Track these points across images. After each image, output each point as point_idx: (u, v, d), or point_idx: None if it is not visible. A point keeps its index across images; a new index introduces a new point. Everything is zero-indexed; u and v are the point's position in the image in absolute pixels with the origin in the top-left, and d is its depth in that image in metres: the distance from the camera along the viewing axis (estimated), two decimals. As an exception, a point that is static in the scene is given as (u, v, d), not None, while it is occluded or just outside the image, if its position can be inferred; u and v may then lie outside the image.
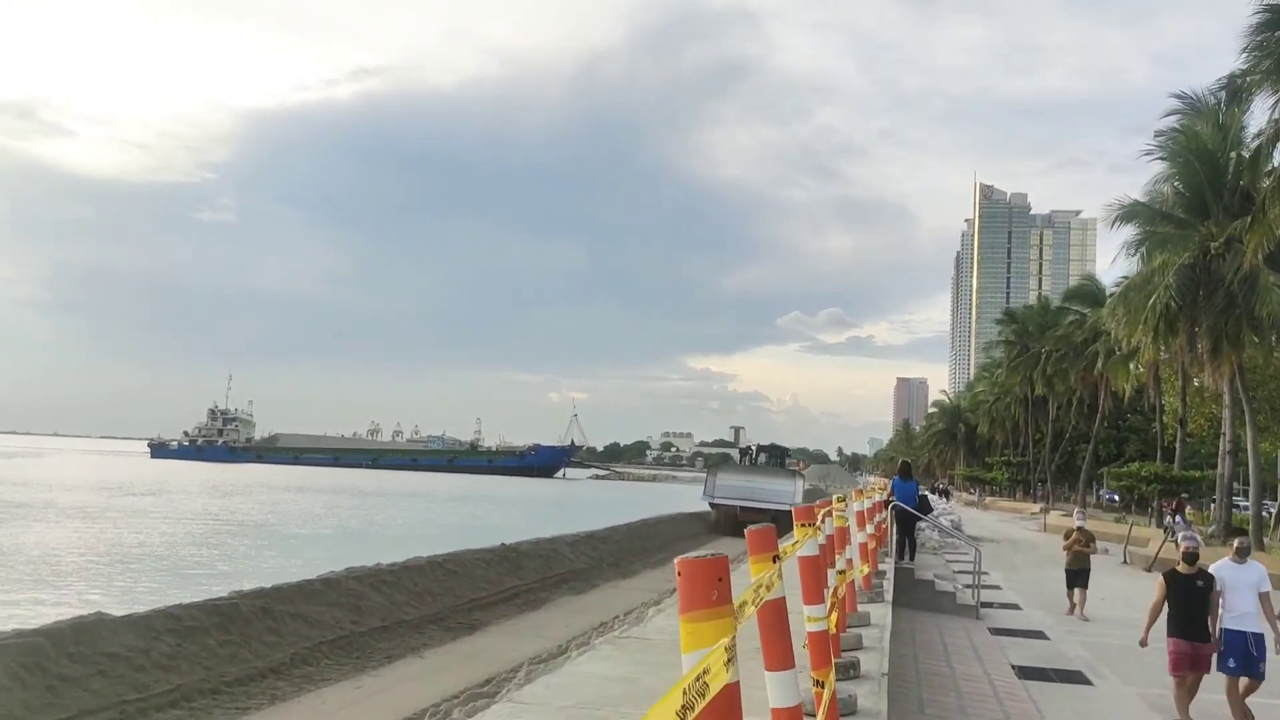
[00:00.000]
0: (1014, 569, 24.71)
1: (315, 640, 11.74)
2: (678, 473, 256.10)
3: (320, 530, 44.85)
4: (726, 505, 41.17)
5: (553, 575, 19.31)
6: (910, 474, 19.36)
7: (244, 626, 10.96)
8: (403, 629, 13.37)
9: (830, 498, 8.43)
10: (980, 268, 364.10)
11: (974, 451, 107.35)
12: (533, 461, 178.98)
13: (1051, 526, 45.06)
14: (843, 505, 7.93)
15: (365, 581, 13.84)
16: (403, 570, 15.17)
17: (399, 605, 13.90)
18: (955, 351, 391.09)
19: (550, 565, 19.75)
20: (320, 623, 12.10)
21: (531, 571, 18.75)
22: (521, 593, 17.20)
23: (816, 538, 4.74)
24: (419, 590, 14.66)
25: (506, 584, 17.17)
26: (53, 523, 41.35)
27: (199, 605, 11.01)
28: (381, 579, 14.31)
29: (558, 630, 14.51)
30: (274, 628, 11.30)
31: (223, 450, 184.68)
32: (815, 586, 4.60)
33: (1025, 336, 73.09)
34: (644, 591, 19.05)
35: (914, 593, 15.86)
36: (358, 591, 13.39)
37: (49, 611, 14.58)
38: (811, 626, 4.52)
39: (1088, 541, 17.21)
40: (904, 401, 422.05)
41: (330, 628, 12.20)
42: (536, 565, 19.22)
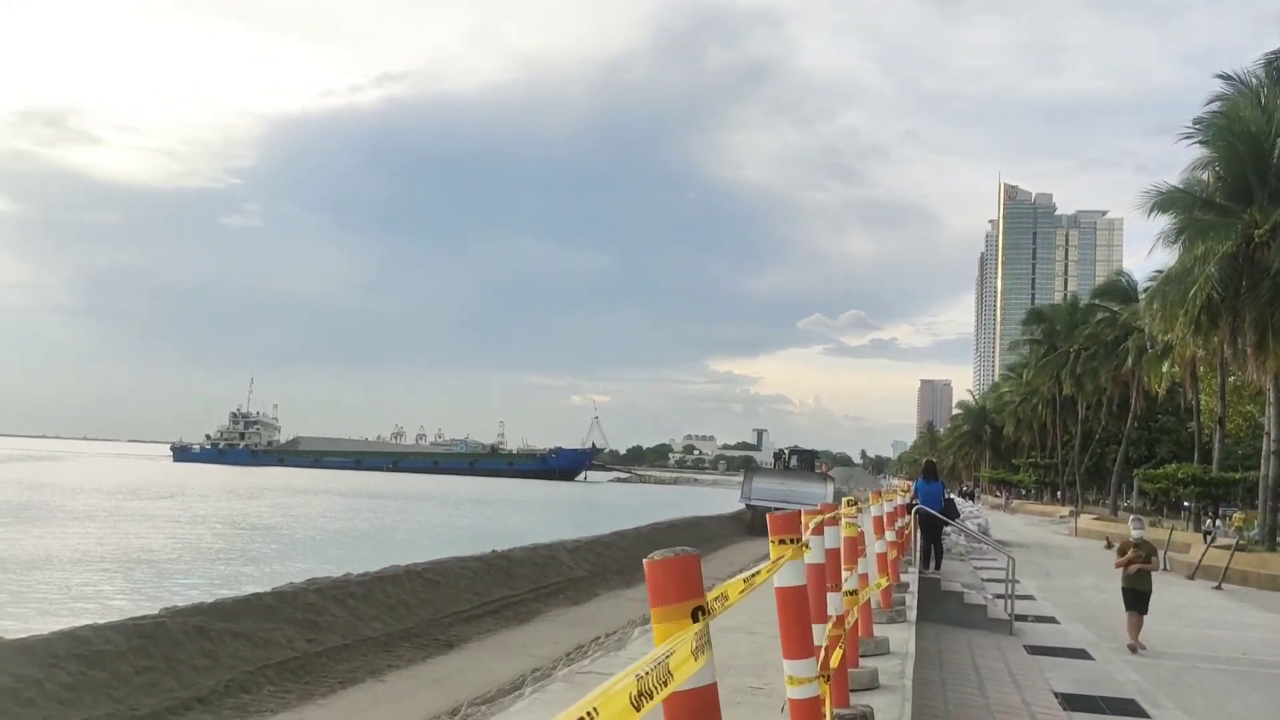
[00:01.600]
0: (1048, 577, 23.07)
1: (259, 663, 10.36)
2: (699, 475, 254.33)
3: (327, 534, 43.74)
4: (762, 506, 42.29)
5: (548, 584, 17.81)
6: (935, 474, 17.75)
7: (170, 649, 9.58)
8: (368, 647, 11.96)
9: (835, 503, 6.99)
10: (1005, 269, 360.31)
11: (1000, 453, 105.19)
12: (554, 464, 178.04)
13: (1083, 530, 43.31)
14: (855, 511, 6.48)
15: (328, 594, 12.42)
16: (374, 581, 13.72)
17: (365, 620, 12.46)
18: (979, 353, 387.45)
19: (546, 574, 18.25)
20: (267, 642, 10.72)
21: (525, 581, 17.25)
22: (511, 604, 15.71)
23: (801, 559, 3.27)
24: (391, 603, 13.24)
25: (495, 595, 15.70)
26: (54, 526, 40.43)
27: (115, 626, 9.62)
28: (348, 591, 12.89)
29: (545, 647, 13.11)
30: (209, 650, 9.92)
31: (244, 453, 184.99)
32: (798, 631, 3.14)
33: (1053, 335, 71.06)
34: (645, 603, 17.50)
35: (941, 606, 14.32)
36: (317, 606, 11.99)
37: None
38: (795, 692, 3.06)
39: (1148, 556, 14.50)
40: (928, 404, 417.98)
41: (279, 648, 10.81)
42: (530, 574, 17.73)
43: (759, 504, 43.89)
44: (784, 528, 3.20)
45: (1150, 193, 32.25)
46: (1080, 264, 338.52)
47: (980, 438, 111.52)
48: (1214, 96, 30.18)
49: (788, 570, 3.14)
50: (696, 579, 2.11)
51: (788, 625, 3.13)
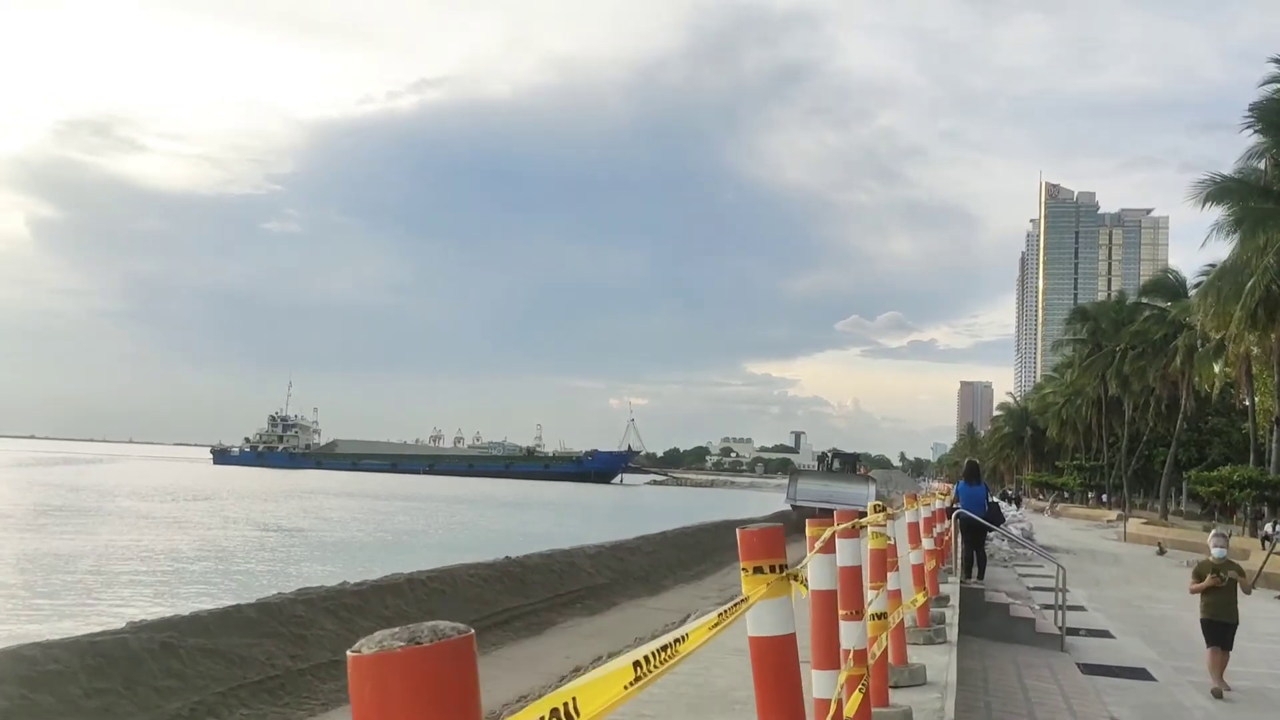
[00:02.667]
0: (1098, 585, 21.77)
1: (232, 683, 9.45)
2: (736, 478, 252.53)
3: (355, 536, 43.17)
4: (807, 507, 45.92)
5: (565, 593, 16.75)
6: (978, 476, 16.50)
7: (130, 669, 8.68)
8: (359, 664, 11.03)
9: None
10: (1046, 268, 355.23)
11: (1042, 455, 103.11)
12: (590, 467, 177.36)
13: (1132, 535, 41.68)
14: (884, 518, 5.45)
15: (319, 605, 11.47)
16: (372, 591, 12.76)
17: (359, 634, 11.36)
18: (1021, 354, 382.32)
19: (563, 581, 17.20)
20: (245, 660, 9.81)
21: (539, 589, 16.23)
22: (523, 615, 14.70)
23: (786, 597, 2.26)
24: (390, 615, 12.28)
25: (505, 604, 14.69)
26: (80, 528, 40.15)
27: (66, 643, 8.72)
28: (341, 602, 11.93)
29: (554, 661, 12.15)
30: (176, 669, 9.03)
31: (283, 456, 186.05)
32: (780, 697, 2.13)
33: (1098, 334, 69.23)
34: (668, 612, 16.49)
35: (984, 619, 13.19)
36: (305, 618, 11.06)
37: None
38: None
39: (1233, 579, 11.52)
40: (968, 405, 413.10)
41: (258, 665, 9.89)
42: (546, 581, 16.68)
43: (804, 505, 46.94)
44: (760, 549, 2.23)
45: (1203, 183, 30.84)
46: (1124, 263, 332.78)
47: (1022, 440, 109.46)
48: (1271, 77, 28.75)
49: (763, 614, 2.18)
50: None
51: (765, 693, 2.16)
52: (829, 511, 22.42)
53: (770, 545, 2.38)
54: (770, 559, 2.32)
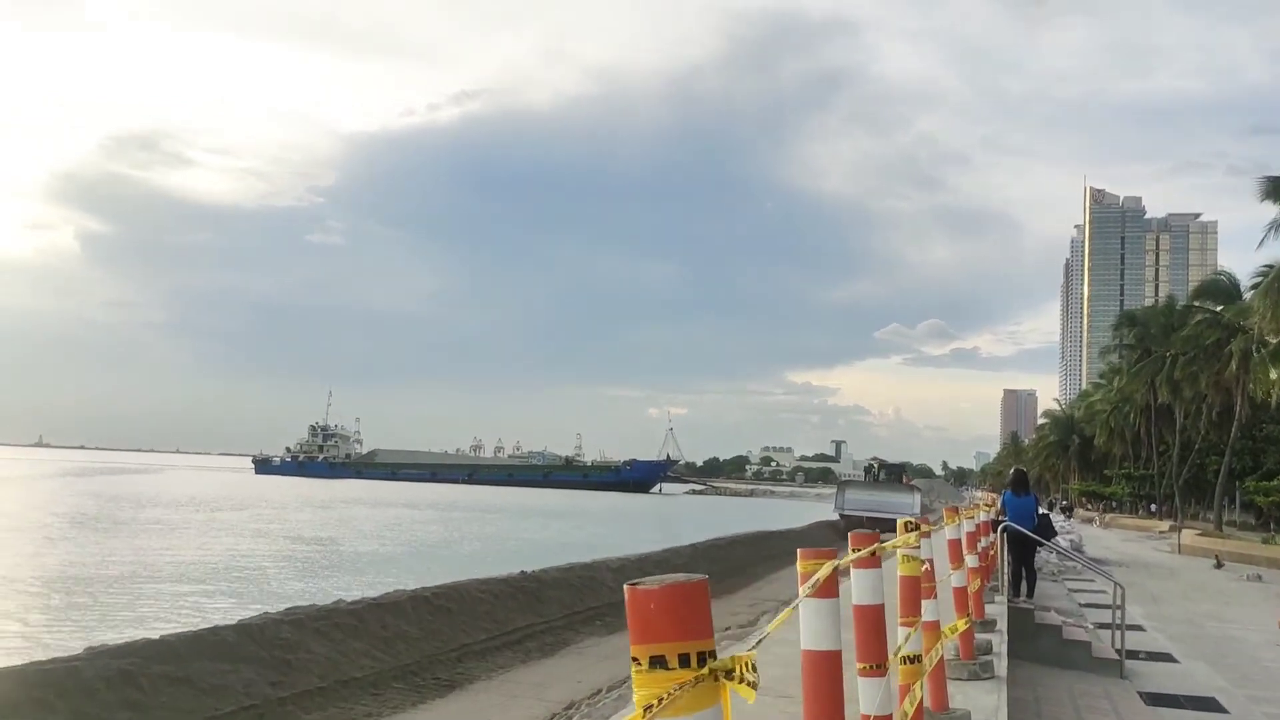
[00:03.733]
0: (1155, 602, 20.45)
1: (203, 714, 8.49)
2: (776, 487, 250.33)
3: (384, 548, 42.52)
4: (855, 516, 47.78)
5: (583, 609, 15.70)
6: (1026, 486, 15.29)
7: (82, 701, 7.79)
8: (350, 690, 10.02)
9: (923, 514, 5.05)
10: (1091, 274, 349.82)
11: (1089, 465, 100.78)
12: (628, 476, 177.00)
13: (1186, 547, 40.04)
14: (917, 538, 4.46)
15: (307, 626, 10.50)
16: (369, 609, 11.74)
17: (351, 657, 10.52)
18: (1066, 362, 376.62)
19: (581, 597, 16.15)
20: (219, 688, 8.88)
21: (555, 605, 15.19)
22: (536, 633, 13.70)
23: (711, 708, 1.29)
24: (388, 635, 11.32)
25: (517, 623, 13.69)
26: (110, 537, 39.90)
27: (8, 673, 7.91)
28: (334, 622, 10.94)
29: (564, 688, 11.15)
30: (134, 700, 8.11)
31: (323, 466, 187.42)
32: None
33: (1147, 339, 67.28)
34: None
35: (1035, 642, 12.07)
36: (291, 640, 10.11)
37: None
38: None
39: None
40: (1012, 414, 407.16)
41: (232, 695, 8.96)
42: (563, 597, 15.64)
43: (851, 514, 48.97)
44: (664, 621, 1.32)
45: (1265, 179, 29.37)
46: (1172, 268, 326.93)
47: (1068, 448, 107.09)
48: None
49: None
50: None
51: None
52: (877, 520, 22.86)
53: (681, 615, 1.40)
54: (683, 641, 1.35)
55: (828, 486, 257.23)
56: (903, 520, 4.50)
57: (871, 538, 3.56)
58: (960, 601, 6.91)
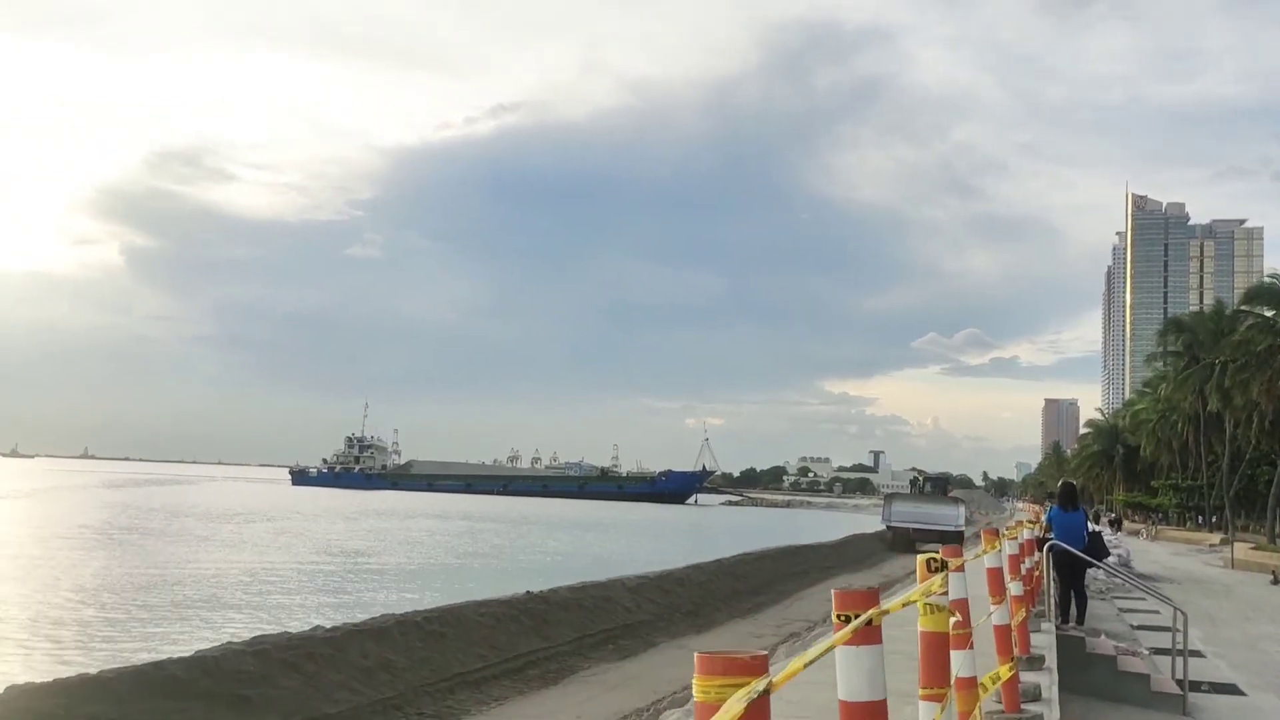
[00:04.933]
0: (1212, 623, 19.06)
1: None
2: (813, 498, 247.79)
3: (409, 560, 41.79)
4: (902, 528, 49.15)
5: (595, 632, 14.57)
6: (1075, 500, 13.94)
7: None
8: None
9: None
10: (1134, 282, 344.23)
11: (1134, 475, 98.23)
12: (664, 487, 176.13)
13: (1239, 562, 38.31)
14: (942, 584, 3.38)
15: (275, 658, 9.45)
16: (349, 637, 10.63)
17: (326, 691, 9.50)
18: (1108, 371, 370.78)
19: (593, 619, 15.03)
20: (163, 733, 7.99)
21: (564, 628, 14.09)
22: (540, 660, 12.59)
23: None
24: (370, 665, 10.26)
25: (519, 649, 12.60)
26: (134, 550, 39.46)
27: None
28: (307, 652, 9.89)
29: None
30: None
31: (359, 477, 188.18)
32: None
33: (1195, 346, 65.27)
34: None
35: (1088, 673, 10.88)
36: (256, 674, 9.09)
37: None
38: None
39: None
40: (1053, 424, 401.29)
41: (178, 739, 8.07)
42: (573, 619, 14.52)
43: (899, 525, 49.76)
44: None
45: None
46: (1217, 275, 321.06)
47: (1112, 458, 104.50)
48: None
49: None
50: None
51: None
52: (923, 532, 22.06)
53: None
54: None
55: (865, 497, 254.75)
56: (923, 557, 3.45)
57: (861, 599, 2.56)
58: (1003, 641, 5.84)
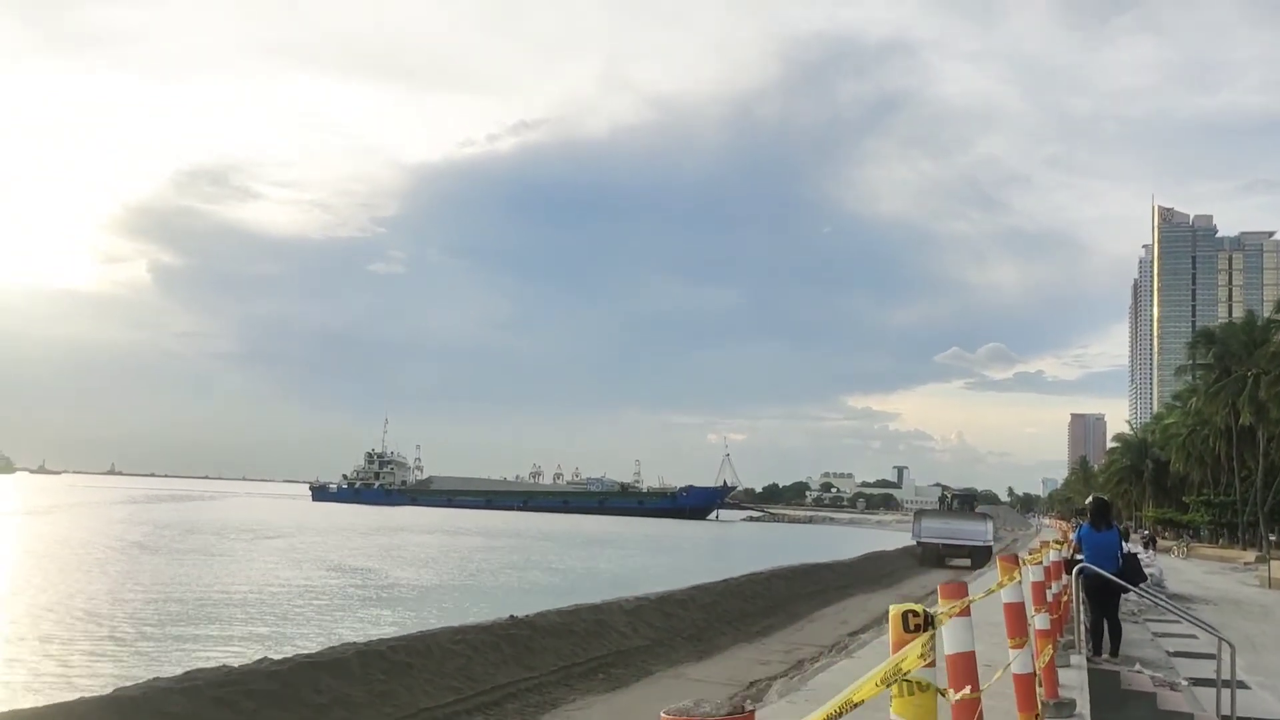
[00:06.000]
0: (1253, 649, 17.71)
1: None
2: (836, 514, 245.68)
3: (422, 578, 40.85)
4: (932, 543, 50.37)
5: (584, 661, 13.33)
6: (1108, 518, 12.43)
7: None
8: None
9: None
10: (1161, 295, 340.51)
11: (1164, 491, 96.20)
12: (685, 503, 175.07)
13: (1276, 581, 36.73)
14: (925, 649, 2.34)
15: (207, 695, 8.27)
16: (298, 670, 9.26)
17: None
18: (1135, 385, 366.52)
19: (584, 646, 13.79)
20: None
21: (549, 656, 12.84)
22: (521, 692, 11.36)
23: None
24: (322, 702, 9.00)
25: (498, 679, 11.36)
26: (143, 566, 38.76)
27: None
28: (247, 689, 8.71)
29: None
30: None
31: (379, 493, 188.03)
32: None
33: (1226, 358, 63.61)
34: (712, 684, 13.14)
35: (1123, 711, 9.70)
36: (181, 715, 8.09)
37: None
38: None
39: None
40: (1079, 439, 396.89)
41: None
42: (560, 646, 13.28)
43: (928, 541, 50.86)
44: None
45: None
46: (1246, 288, 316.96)
47: (1141, 473, 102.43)
48: None
49: None
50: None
51: None
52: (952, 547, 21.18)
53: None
54: None
55: (889, 513, 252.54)
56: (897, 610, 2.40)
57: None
58: (1025, 695, 4.76)
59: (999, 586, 4.80)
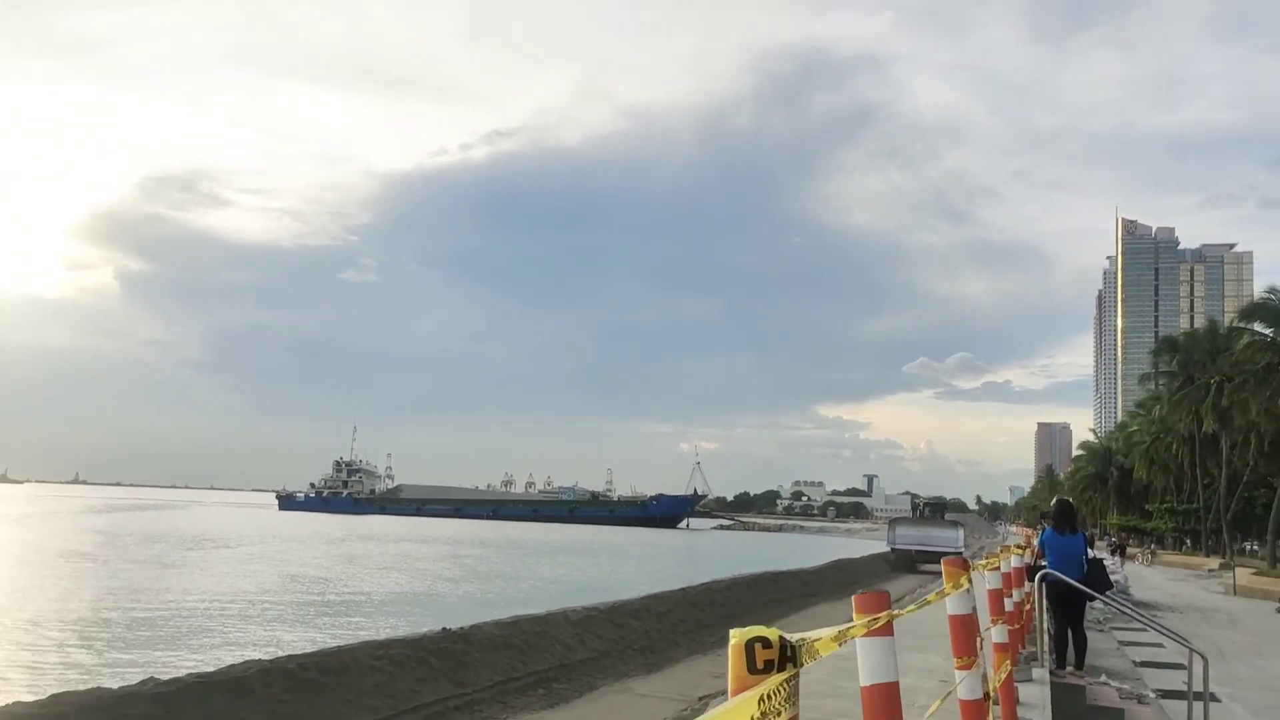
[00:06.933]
0: (1223, 658, 17.25)
1: None
2: (806, 523, 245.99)
3: (381, 588, 39.91)
4: (905, 549, 52.68)
5: (522, 676, 12.44)
6: (1073, 521, 11.96)
7: None
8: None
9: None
10: (1125, 306, 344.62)
11: (1128, 498, 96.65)
12: (655, 511, 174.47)
13: (1243, 588, 36.56)
14: (780, 695, 1.71)
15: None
16: (184, 693, 8.23)
17: None
18: (1100, 394, 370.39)
19: (523, 659, 12.91)
20: None
21: (484, 671, 11.94)
22: (449, 710, 10.37)
23: None
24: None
25: (423, 697, 10.39)
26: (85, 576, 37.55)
27: None
28: (122, 713, 7.89)
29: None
30: None
31: (347, 501, 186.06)
32: None
33: (1190, 366, 63.79)
34: (663, 700, 12.35)
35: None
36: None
37: None
38: None
39: None
40: (1046, 447, 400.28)
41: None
42: (498, 660, 12.37)
43: (902, 548, 53.13)
44: None
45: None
46: (1207, 299, 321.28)
47: (1106, 481, 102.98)
48: None
49: None
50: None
51: None
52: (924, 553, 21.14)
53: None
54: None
55: (859, 522, 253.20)
56: (740, 637, 1.76)
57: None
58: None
59: (937, 597, 4.07)
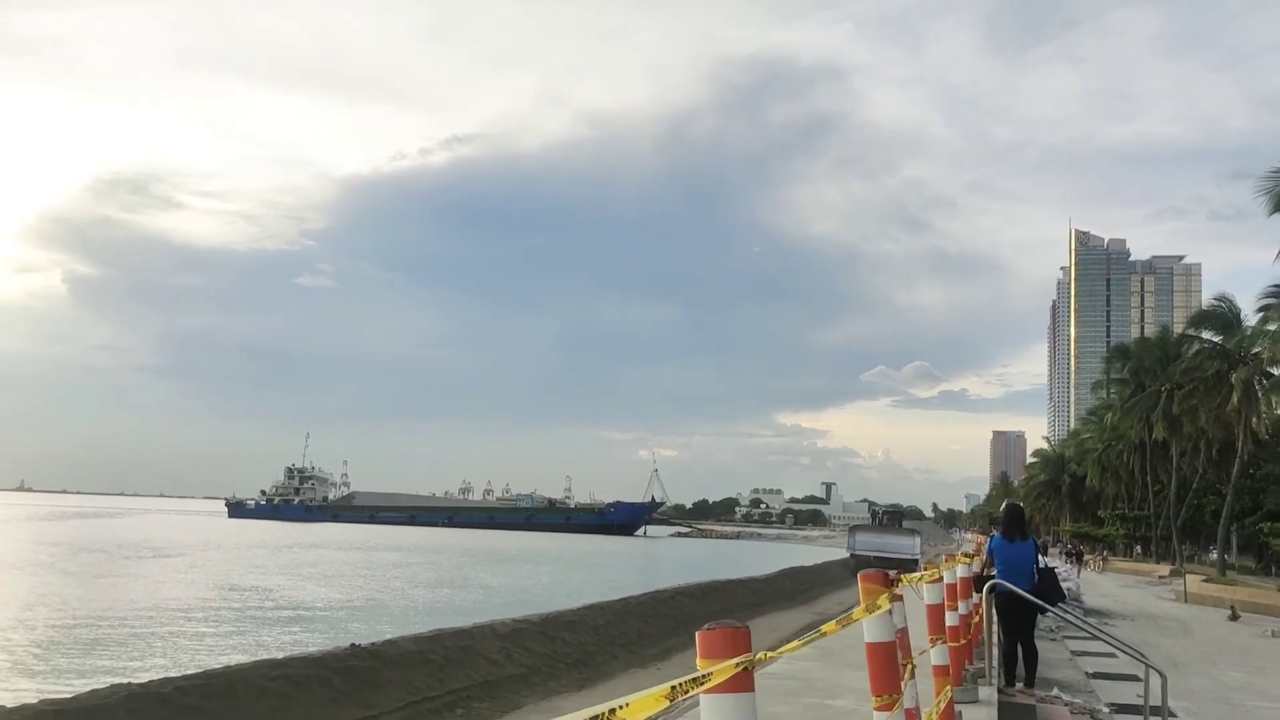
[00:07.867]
0: (1176, 669, 16.78)
1: None
2: (764, 530, 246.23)
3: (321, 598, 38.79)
4: (865, 555, 53.05)
5: (439, 694, 11.53)
6: (1023, 526, 11.19)
7: None
8: None
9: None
10: (1078, 316, 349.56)
11: (1081, 505, 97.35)
12: (612, 519, 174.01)
13: (1193, 595, 36.49)
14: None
15: None
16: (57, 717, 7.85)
17: None
18: (1054, 403, 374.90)
19: (441, 677, 12.01)
20: None
21: (396, 691, 11.04)
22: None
23: None
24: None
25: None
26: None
27: None
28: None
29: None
30: None
31: (299, 509, 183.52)
32: None
33: (1141, 373, 64.03)
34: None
35: (1036, 751, 8.50)
36: None
37: None
38: None
39: None
40: (1001, 456, 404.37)
41: None
42: (413, 679, 11.41)
43: (861, 554, 53.91)
44: None
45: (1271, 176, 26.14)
46: (1158, 310, 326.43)
47: (1059, 488, 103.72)
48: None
49: None
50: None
51: None
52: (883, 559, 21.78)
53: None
54: None
55: (817, 529, 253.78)
56: None
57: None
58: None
59: (838, 626, 3.22)
